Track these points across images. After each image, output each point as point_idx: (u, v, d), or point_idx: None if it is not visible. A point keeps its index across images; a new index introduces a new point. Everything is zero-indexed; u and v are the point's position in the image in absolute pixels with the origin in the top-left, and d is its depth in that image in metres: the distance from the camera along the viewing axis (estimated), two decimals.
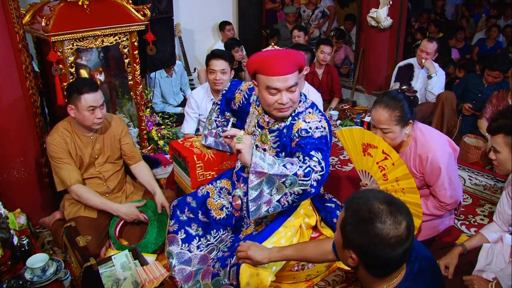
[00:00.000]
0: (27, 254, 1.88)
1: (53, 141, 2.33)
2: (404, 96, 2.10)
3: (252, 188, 1.69)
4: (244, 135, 1.73)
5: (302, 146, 1.82)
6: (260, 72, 1.84)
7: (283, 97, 1.82)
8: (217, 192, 2.20)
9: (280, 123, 1.96)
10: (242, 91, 2.20)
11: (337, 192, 3.04)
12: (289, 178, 1.69)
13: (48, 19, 2.47)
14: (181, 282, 2.01)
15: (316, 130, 1.85)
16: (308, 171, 1.70)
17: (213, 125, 2.40)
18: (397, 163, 2.04)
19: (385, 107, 2.05)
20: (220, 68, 2.91)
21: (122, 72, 3.14)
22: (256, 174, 1.68)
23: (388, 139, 2.09)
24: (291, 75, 1.81)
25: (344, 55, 5.78)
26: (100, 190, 2.50)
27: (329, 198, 2.31)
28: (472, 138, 3.61)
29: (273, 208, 1.74)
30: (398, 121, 2.05)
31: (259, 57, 1.85)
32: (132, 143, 2.65)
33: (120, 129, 2.56)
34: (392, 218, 1.14)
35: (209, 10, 5.18)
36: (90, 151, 2.43)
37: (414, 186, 2.03)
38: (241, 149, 1.69)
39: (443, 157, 2.08)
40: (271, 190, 1.72)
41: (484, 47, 5.96)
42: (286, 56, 1.81)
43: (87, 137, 2.41)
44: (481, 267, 1.88)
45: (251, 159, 1.67)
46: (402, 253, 1.16)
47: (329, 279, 2.24)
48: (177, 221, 2.14)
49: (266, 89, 1.83)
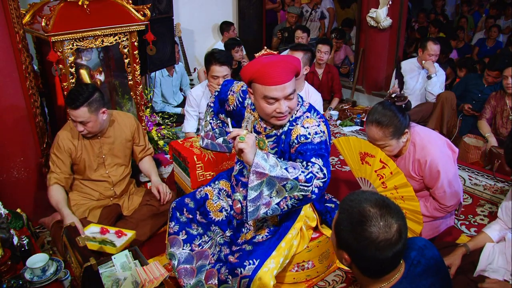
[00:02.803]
0: (27, 254, 1.88)
1: (61, 136, 2.39)
2: (396, 108, 2.06)
3: (252, 188, 1.67)
4: (247, 134, 1.70)
5: (302, 153, 1.78)
6: (256, 82, 1.77)
7: (282, 106, 1.77)
8: (216, 193, 2.18)
9: (277, 129, 1.92)
10: (234, 92, 2.14)
11: (337, 192, 3.04)
12: (289, 182, 1.66)
13: (48, 19, 2.47)
14: (184, 281, 2.01)
15: (316, 136, 1.81)
16: (310, 177, 1.68)
17: (208, 127, 2.36)
18: (395, 172, 2.03)
19: (378, 125, 2.04)
20: (223, 74, 2.87)
21: (122, 72, 3.14)
22: (257, 174, 1.65)
23: (386, 151, 2.09)
24: (289, 83, 1.75)
25: (344, 55, 5.78)
26: (106, 194, 2.52)
27: (329, 198, 2.31)
28: (472, 138, 3.61)
29: (272, 210, 1.72)
30: (393, 136, 2.04)
31: (254, 66, 1.77)
32: (147, 145, 2.68)
33: (132, 131, 2.57)
34: (382, 221, 1.15)
35: (209, 10, 5.18)
36: (98, 152, 2.44)
37: (413, 194, 2.03)
38: (244, 149, 1.66)
39: (442, 160, 2.08)
40: (271, 192, 1.70)
41: (484, 47, 5.96)
42: (283, 64, 1.75)
43: (95, 138, 2.43)
44: (482, 267, 1.88)
45: (253, 159, 1.65)
46: (392, 256, 1.17)
47: (329, 279, 2.24)
48: (177, 222, 2.13)
49: (264, 98, 1.77)
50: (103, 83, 3.13)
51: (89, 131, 2.32)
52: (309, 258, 2.12)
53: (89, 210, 2.43)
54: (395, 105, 2.07)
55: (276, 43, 5.83)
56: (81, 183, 2.49)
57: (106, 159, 2.48)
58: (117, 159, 2.52)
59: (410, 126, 2.13)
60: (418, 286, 1.26)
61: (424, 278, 1.28)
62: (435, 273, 1.31)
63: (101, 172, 2.48)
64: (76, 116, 2.25)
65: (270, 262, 1.80)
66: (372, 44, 4.94)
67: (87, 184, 2.49)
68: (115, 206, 2.54)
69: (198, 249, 2.10)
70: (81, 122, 2.27)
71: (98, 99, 2.29)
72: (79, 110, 2.22)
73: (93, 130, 2.34)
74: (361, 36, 5.09)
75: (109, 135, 2.47)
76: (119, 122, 2.52)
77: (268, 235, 1.96)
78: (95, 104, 2.27)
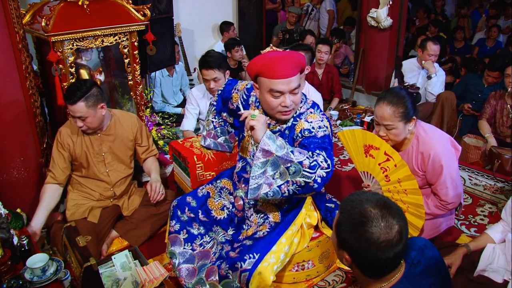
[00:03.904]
0: (27, 254, 1.87)
1: (62, 132, 2.42)
2: (407, 93, 2.10)
3: (256, 165, 1.72)
4: (259, 114, 1.78)
5: (306, 145, 1.82)
6: (262, 75, 1.82)
7: (287, 100, 1.81)
8: (217, 192, 2.20)
9: (281, 124, 1.96)
10: (239, 91, 2.18)
11: (337, 192, 3.05)
12: (293, 165, 1.69)
13: (48, 19, 2.47)
14: (185, 280, 2.01)
15: (319, 130, 1.85)
16: (314, 164, 1.71)
17: (210, 126, 2.39)
18: (399, 165, 2.04)
19: (389, 103, 2.05)
20: (212, 77, 2.87)
21: (122, 72, 3.14)
22: (263, 152, 1.71)
23: (391, 135, 2.09)
24: (294, 77, 1.80)
25: (344, 55, 5.78)
26: (106, 194, 2.51)
27: (329, 198, 2.31)
28: (472, 138, 3.61)
29: (273, 192, 1.75)
30: (401, 118, 2.05)
31: (260, 60, 1.83)
32: (150, 147, 2.67)
33: (134, 131, 2.56)
34: (383, 222, 1.16)
35: (209, 10, 5.18)
36: (98, 149, 2.44)
37: (416, 187, 2.03)
38: (255, 126, 1.74)
39: (445, 155, 2.08)
40: (274, 173, 1.73)
41: (484, 47, 5.96)
42: (289, 59, 1.81)
43: (95, 134, 2.44)
44: (483, 267, 1.88)
45: (263, 137, 1.72)
46: (393, 256, 1.17)
47: (329, 279, 2.24)
48: (178, 221, 2.14)
49: (269, 92, 1.82)
50: (103, 83, 3.13)
51: (88, 126, 2.32)
52: (309, 258, 2.12)
53: (88, 210, 2.43)
54: (407, 90, 2.09)
55: (276, 42, 5.83)
56: (81, 181, 2.49)
57: (106, 157, 2.48)
58: (117, 158, 2.51)
59: (417, 116, 2.14)
60: (418, 285, 1.26)
61: (424, 277, 1.28)
62: (435, 273, 1.31)
63: (101, 170, 2.48)
64: (74, 111, 2.26)
65: (271, 257, 1.81)
66: (372, 44, 4.94)
67: (86, 183, 2.49)
68: (115, 207, 2.54)
69: (200, 249, 2.10)
70: (79, 117, 2.28)
71: (96, 94, 2.29)
72: (77, 105, 2.23)
73: (92, 126, 2.34)
74: (361, 36, 5.09)
75: (110, 133, 2.47)
76: (120, 121, 2.53)
77: (269, 231, 1.97)
78: (93, 98, 2.27)
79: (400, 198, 2.09)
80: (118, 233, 2.51)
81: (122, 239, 2.51)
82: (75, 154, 2.43)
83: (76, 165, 2.47)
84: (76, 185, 2.50)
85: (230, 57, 4.66)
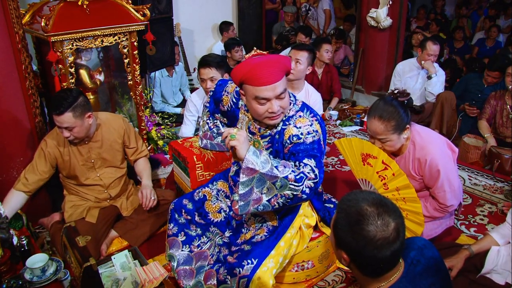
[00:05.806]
0: (27, 254, 1.88)
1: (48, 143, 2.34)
2: (398, 103, 2.06)
3: (242, 183, 1.68)
4: (238, 131, 1.73)
5: (294, 154, 1.79)
6: (247, 83, 1.78)
7: (274, 106, 1.77)
8: (214, 194, 2.18)
9: (271, 129, 1.93)
10: (229, 93, 2.14)
11: (337, 192, 3.04)
12: (279, 180, 1.67)
13: (48, 19, 2.47)
14: (184, 282, 2.01)
15: (308, 136, 1.81)
16: (300, 177, 1.68)
17: (206, 127, 2.37)
18: (397, 174, 2.03)
19: (380, 118, 2.03)
20: (209, 77, 2.82)
21: (122, 72, 3.14)
22: (248, 170, 1.67)
23: (387, 146, 2.09)
24: (279, 82, 1.75)
25: (344, 55, 5.78)
26: (101, 197, 2.49)
27: (328, 199, 2.31)
28: (472, 138, 3.61)
29: (263, 206, 1.73)
30: (394, 130, 2.03)
31: (244, 67, 1.78)
32: (139, 148, 2.62)
33: (121, 133, 2.50)
34: (380, 220, 1.16)
35: (209, 10, 5.19)
36: (86, 157, 2.40)
37: (415, 195, 2.03)
38: (236, 146, 1.69)
39: (442, 159, 2.07)
40: (261, 189, 1.71)
41: (484, 47, 5.97)
42: (272, 64, 1.76)
43: (83, 143, 2.39)
44: (488, 269, 1.87)
45: (245, 155, 1.67)
46: (390, 255, 1.17)
47: (329, 279, 2.24)
48: (176, 224, 2.13)
49: (255, 99, 1.78)
50: (102, 83, 3.13)
51: (75, 136, 2.26)
52: (308, 258, 2.12)
53: (86, 211, 2.41)
54: (397, 100, 2.08)
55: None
56: (75, 188, 2.47)
57: (95, 163, 2.43)
58: (107, 162, 2.48)
59: (411, 122, 2.13)
60: (418, 285, 1.26)
61: (424, 277, 1.28)
62: (435, 273, 1.31)
63: (92, 176, 2.44)
64: (61, 122, 2.18)
65: (269, 262, 1.80)
66: (372, 44, 4.94)
67: (80, 189, 2.47)
68: (113, 208, 2.52)
69: (197, 250, 2.09)
70: (66, 128, 2.21)
71: (83, 104, 2.23)
72: (64, 116, 2.16)
73: (80, 136, 2.28)
74: (361, 36, 5.10)
75: (97, 139, 2.42)
76: (106, 125, 2.46)
77: (267, 235, 1.96)
78: (80, 109, 2.20)
79: (399, 205, 2.09)
80: (117, 233, 2.50)
81: (121, 239, 2.51)
82: (63, 164, 2.37)
83: (67, 173, 2.43)
84: (71, 190, 2.49)
85: (230, 57, 4.66)
